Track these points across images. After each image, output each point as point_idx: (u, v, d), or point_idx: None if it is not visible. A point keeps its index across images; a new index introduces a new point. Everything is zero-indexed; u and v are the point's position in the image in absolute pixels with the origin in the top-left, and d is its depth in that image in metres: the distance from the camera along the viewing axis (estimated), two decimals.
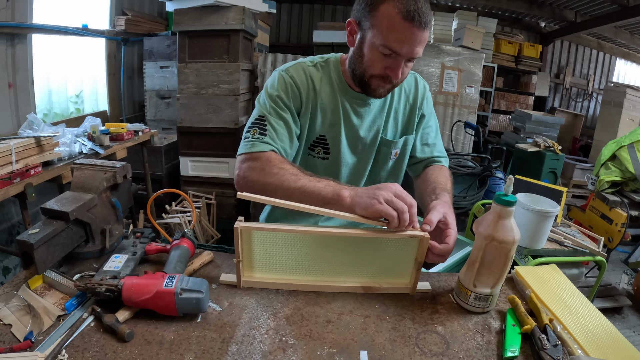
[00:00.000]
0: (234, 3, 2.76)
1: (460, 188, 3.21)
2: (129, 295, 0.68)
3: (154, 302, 0.69)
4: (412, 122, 1.12)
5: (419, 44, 0.85)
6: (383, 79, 0.92)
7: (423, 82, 1.15)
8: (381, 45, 0.85)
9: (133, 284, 0.69)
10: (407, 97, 1.11)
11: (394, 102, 1.09)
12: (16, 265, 2.34)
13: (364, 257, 0.81)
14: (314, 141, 1.06)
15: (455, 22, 5.43)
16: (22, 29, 2.31)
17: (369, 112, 1.06)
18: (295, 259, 0.81)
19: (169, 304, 0.69)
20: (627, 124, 4.55)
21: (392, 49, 0.85)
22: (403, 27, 0.81)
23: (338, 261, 0.81)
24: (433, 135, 1.18)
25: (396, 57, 0.87)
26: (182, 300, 0.69)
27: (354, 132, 1.06)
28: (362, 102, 1.04)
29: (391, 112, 1.09)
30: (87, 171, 0.94)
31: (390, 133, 1.10)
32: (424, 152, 1.16)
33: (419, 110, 1.12)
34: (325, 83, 1.02)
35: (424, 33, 0.84)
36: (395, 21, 0.81)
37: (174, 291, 0.68)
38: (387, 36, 0.84)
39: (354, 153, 1.09)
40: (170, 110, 3.52)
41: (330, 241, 0.79)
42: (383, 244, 0.79)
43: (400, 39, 0.83)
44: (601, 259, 1.66)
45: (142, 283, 0.70)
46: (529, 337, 0.70)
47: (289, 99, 0.99)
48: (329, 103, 1.02)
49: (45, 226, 0.77)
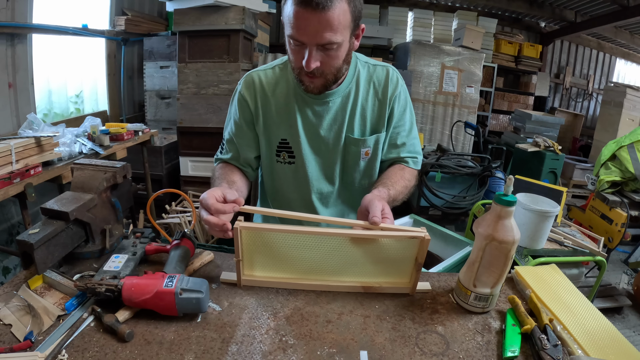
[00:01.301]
0: (234, 3, 2.77)
1: (460, 188, 3.21)
2: (129, 295, 0.68)
3: (154, 302, 0.69)
4: (383, 119, 1.05)
5: (322, 29, 0.79)
6: (308, 74, 0.88)
7: (396, 75, 1.05)
8: (289, 38, 0.85)
9: (133, 284, 0.69)
10: (377, 91, 1.04)
11: (360, 97, 1.03)
12: (16, 265, 2.34)
13: (364, 257, 0.81)
14: (278, 146, 1.06)
15: (455, 22, 5.43)
16: (22, 29, 2.31)
17: (328, 111, 1.01)
18: (295, 259, 0.81)
19: (169, 304, 0.68)
20: (627, 124, 4.55)
21: (294, 38, 0.83)
22: (298, 13, 0.79)
23: (338, 261, 0.81)
24: (405, 134, 1.08)
25: (303, 46, 0.83)
26: (182, 300, 0.69)
27: (313, 132, 1.03)
28: (320, 100, 1.00)
29: (357, 108, 1.03)
30: (87, 171, 0.94)
31: (357, 131, 1.04)
32: (389, 153, 1.09)
33: (389, 104, 1.04)
34: (282, 86, 1.02)
35: (323, 15, 0.77)
36: (292, 10, 0.79)
37: (174, 291, 0.68)
38: (290, 27, 0.82)
39: (317, 154, 1.06)
40: (170, 110, 3.52)
41: (330, 241, 0.79)
42: (383, 244, 0.79)
43: (297, 26, 0.80)
44: (601, 259, 1.66)
45: (142, 283, 0.69)
46: (529, 337, 0.70)
47: (242, 113, 1.06)
48: (285, 105, 1.02)
49: (45, 226, 0.77)
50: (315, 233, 0.77)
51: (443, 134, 4.84)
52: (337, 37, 0.81)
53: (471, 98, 4.82)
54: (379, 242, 0.78)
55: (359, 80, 1.03)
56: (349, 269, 0.82)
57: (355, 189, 1.12)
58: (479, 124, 5.10)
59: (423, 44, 4.70)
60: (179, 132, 3.06)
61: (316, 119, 1.02)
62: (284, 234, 0.78)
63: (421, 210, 3.18)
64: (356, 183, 1.11)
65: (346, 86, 1.01)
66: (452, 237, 1.92)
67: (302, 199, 1.11)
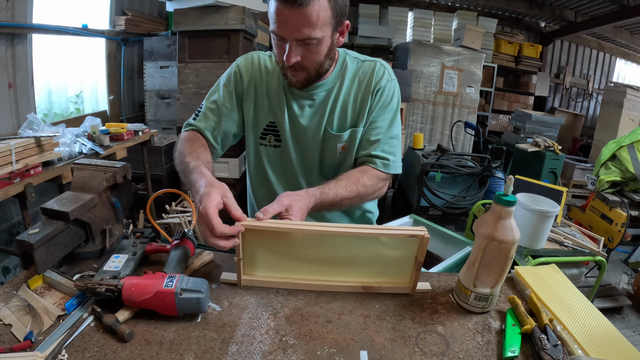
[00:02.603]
0: (234, 3, 2.77)
1: (460, 188, 3.21)
2: (129, 296, 0.68)
3: (154, 302, 0.69)
4: (363, 114, 1.04)
5: (301, 25, 0.83)
6: (290, 68, 0.92)
7: (383, 69, 1.04)
8: (271, 33, 0.90)
9: (133, 284, 0.69)
10: (360, 85, 1.04)
11: (343, 92, 1.04)
12: (16, 265, 2.34)
13: (364, 256, 0.81)
14: (265, 128, 1.08)
15: (455, 22, 5.44)
16: (22, 29, 2.31)
17: (312, 104, 1.05)
18: (296, 258, 0.81)
19: (169, 304, 0.68)
20: (627, 124, 4.56)
21: (275, 33, 0.88)
22: (278, 9, 0.83)
23: (338, 260, 0.81)
24: (381, 131, 1.05)
25: (284, 41, 0.88)
26: (182, 300, 0.68)
27: (296, 120, 1.06)
28: (304, 94, 1.04)
29: (338, 103, 1.04)
30: (87, 171, 0.94)
31: (336, 126, 1.05)
32: (361, 149, 1.06)
33: (371, 99, 1.03)
34: (277, 74, 1.06)
35: (301, 11, 0.81)
36: (273, 6, 0.84)
37: (174, 291, 0.68)
38: (272, 22, 0.87)
39: (299, 142, 1.08)
40: (170, 110, 3.52)
41: (330, 240, 0.79)
42: (383, 243, 0.79)
43: (278, 22, 0.85)
44: (601, 259, 1.66)
45: (142, 283, 0.69)
46: (529, 337, 0.70)
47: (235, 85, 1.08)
48: (276, 89, 1.06)
49: (45, 226, 0.77)
50: (315, 232, 0.77)
51: (443, 134, 4.85)
52: (316, 33, 0.84)
53: (471, 98, 4.82)
54: (379, 241, 0.78)
55: (344, 75, 1.05)
56: (349, 268, 0.82)
57: None
58: (479, 124, 5.10)
59: (423, 44, 4.70)
60: (179, 132, 3.06)
61: (299, 109, 1.06)
62: (285, 233, 0.78)
63: (421, 210, 3.18)
64: (331, 175, 1.09)
65: (332, 81, 1.04)
66: (452, 237, 1.92)
67: (288, 182, 1.13)
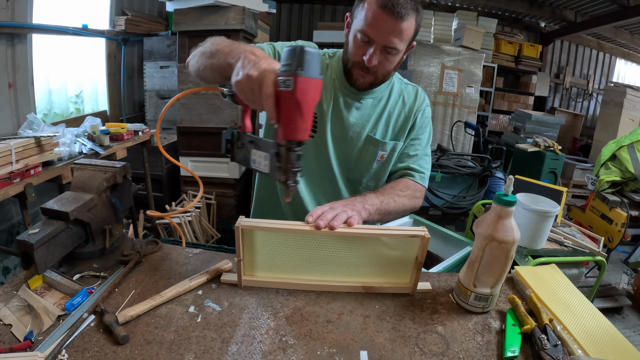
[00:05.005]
0: (234, 3, 2.76)
1: (460, 188, 3.21)
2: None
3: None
4: (404, 131, 1.13)
5: (393, 34, 0.90)
6: (362, 69, 0.97)
7: (424, 96, 1.16)
8: (359, 32, 0.92)
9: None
10: (404, 105, 1.13)
11: (389, 105, 1.11)
12: (16, 265, 2.34)
13: (364, 256, 0.81)
14: None
15: (455, 22, 5.43)
16: (22, 29, 2.31)
17: (359, 107, 1.09)
18: (296, 258, 0.81)
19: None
20: (627, 124, 4.56)
21: (366, 34, 0.91)
22: (378, 14, 0.88)
23: (339, 260, 0.81)
24: (420, 148, 1.15)
25: (369, 43, 0.92)
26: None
27: (340, 115, 1.08)
28: (354, 95, 1.07)
29: (384, 114, 1.11)
30: (87, 171, 0.94)
31: (379, 133, 1.11)
32: (400, 162, 1.15)
33: (412, 120, 1.13)
34: (332, 69, 1.10)
35: (399, 23, 0.88)
36: (372, 9, 0.89)
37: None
38: (364, 23, 0.91)
39: (337, 137, 1.10)
40: (170, 110, 3.51)
41: (331, 240, 0.79)
42: (384, 244, 0.79)
43: (373, 25, 0.90)
44: (601, 259, 1.66)
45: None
46: (529, 337, 0.70)
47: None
48: (327, 84, 1.08)
49: (45, 226, 0.77)
50: (315, 232, 0.77)
51: (443, 134, 4.84)
52: (400, 45, 0.93)
53: (471, 98, 4.82)
54: (379, 241, 0.78)
55: (392, 90, 1.12)
56: (349, 269, 0.82)
57: (359, 190, 1.14)
58: (479, 124, 5.10)
59: (423, 44, 4.70)
60: (179, 132, 3.06)
61: (346, 110, 1.08)
62: (285, 233, 0.78)
63: (421, 210, 3.18)
64: (363, 183, 1.15)
65: (381, 92, 1.10)
66: (452, 237, 1.92)
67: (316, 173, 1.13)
